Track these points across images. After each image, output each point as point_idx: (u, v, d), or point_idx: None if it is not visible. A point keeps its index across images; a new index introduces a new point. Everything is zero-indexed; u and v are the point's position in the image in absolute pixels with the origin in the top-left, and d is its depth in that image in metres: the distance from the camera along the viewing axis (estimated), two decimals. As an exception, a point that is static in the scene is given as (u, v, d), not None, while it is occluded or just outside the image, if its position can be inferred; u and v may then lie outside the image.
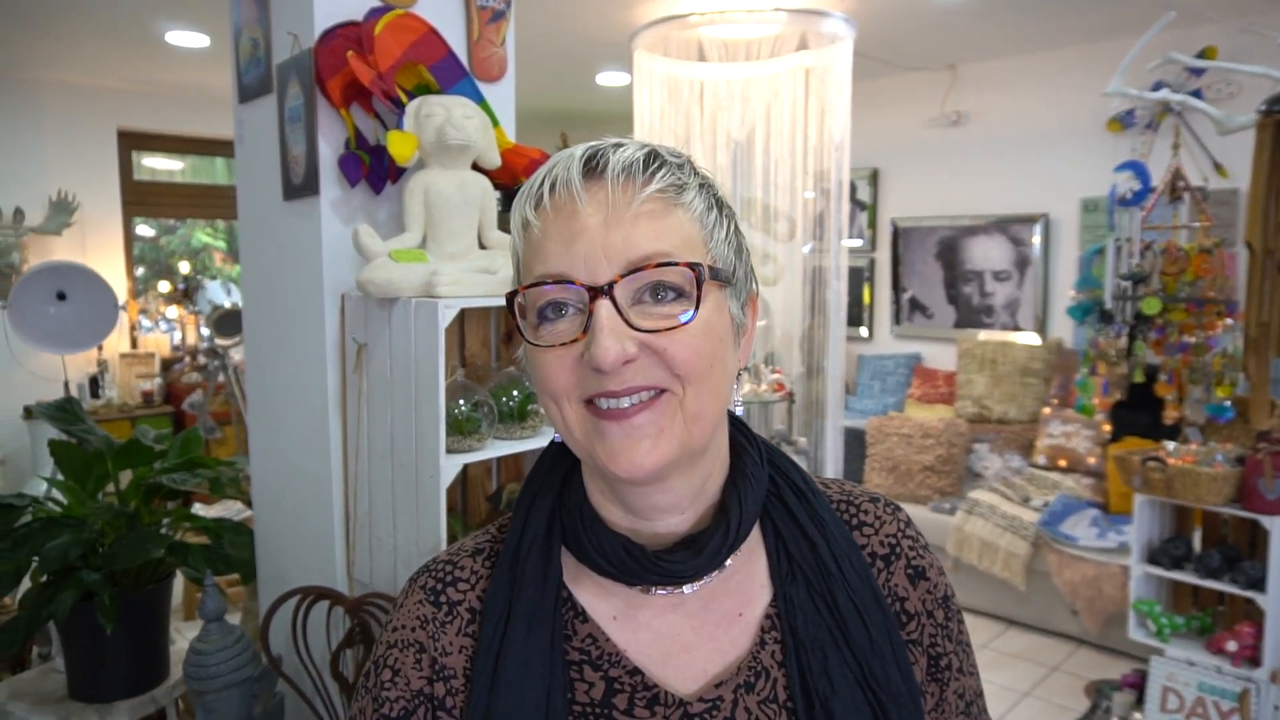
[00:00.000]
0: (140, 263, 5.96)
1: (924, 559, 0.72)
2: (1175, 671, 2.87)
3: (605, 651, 0.65)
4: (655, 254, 0.58)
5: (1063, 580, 3.72)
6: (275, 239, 1.81)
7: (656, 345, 0.59)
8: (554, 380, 0.60)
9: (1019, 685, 3.46)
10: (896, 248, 5.14)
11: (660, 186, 0.60)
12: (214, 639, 1.64)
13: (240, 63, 1.85)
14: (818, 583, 0.67)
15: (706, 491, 0.67)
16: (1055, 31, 4.18)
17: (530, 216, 0.61)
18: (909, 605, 0.70)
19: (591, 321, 0.58)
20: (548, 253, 0.60)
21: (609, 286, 0.58)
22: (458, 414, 1.47)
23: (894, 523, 0.73)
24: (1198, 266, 2.80)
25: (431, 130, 1.50)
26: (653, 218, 0.59)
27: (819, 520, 0.69)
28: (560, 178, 0.60)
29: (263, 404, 1.96)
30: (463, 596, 0.68)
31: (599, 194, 0.59)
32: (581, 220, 0.59)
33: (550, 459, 0.71)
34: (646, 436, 0.59)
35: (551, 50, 4.49)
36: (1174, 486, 2.76)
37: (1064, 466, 4.21)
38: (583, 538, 0.66)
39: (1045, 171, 4.54)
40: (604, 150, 0.61)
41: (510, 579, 0.66)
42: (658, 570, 0.64)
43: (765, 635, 0.66)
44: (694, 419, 0.60)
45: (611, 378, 0.58)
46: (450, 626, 0.67)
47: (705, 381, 0.60)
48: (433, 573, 0.70)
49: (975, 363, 4.65)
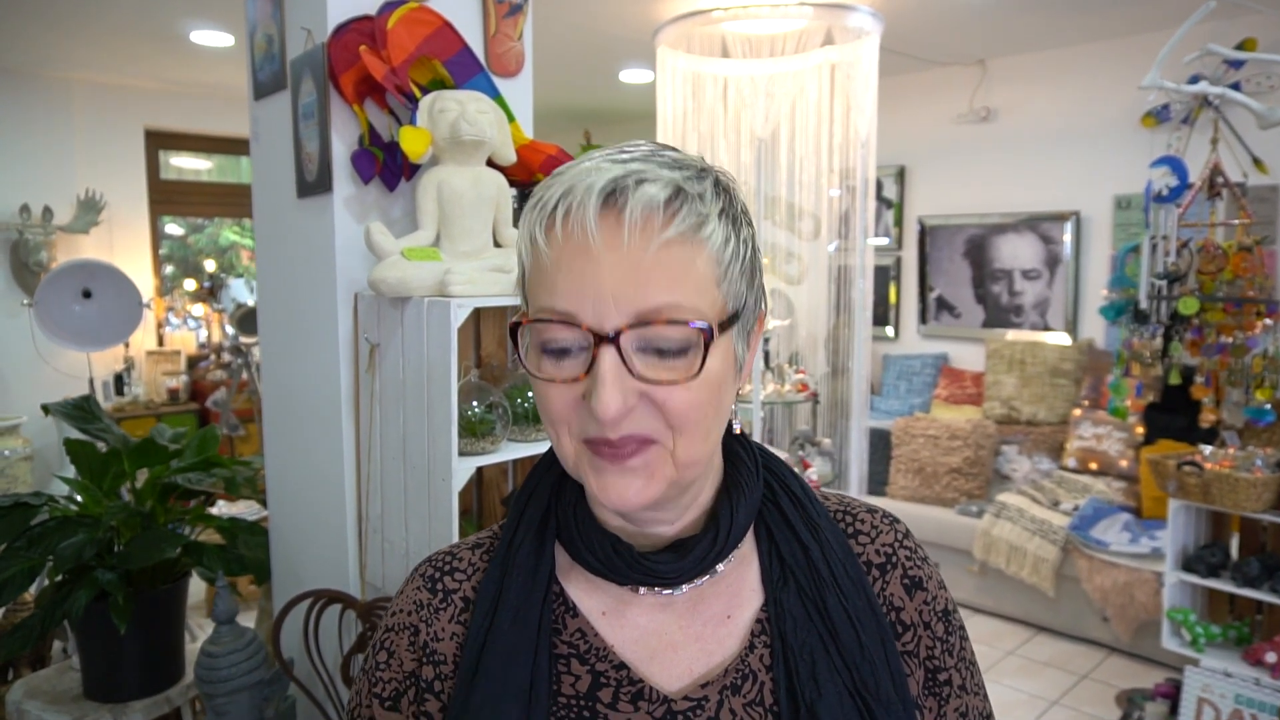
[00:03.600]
0: (169, 261, 6.01)
1: (921, 570, 0.71)
2: (1211, 683, 2.79)
3: (593, 646, 0.66)
4: (666, 306, 0.57)
5: (1093, 586, 3.63)
6: (289, 237, 1.79)
7: (656, 396, 0.58)
8: (555, 411, 0.61)
9: (1048, 693, 3.38)
10: (923, 246, 5.05)
11: (680, 230, 0.58)
12: (225, 641, 1.62)
13: (255, 59, 1.83)
14: (809, 587, 0.66)
15: (698, 502, 0.67)
16: (1087, 25, 4.09)
17: (540, 239, 0.59)
18: (905, 616, 0.69)
19: (595, 368, 0.57)
20: (556, 286, 0.58)
21: (615, 336, 0.57)
22: (471, 416, 1.44)
23: (891, 533, 0.72)
24: (1237, 265, 2.71)
25: (445, 126, 1.47)
26: (668, 267, 0.57)
27: (813, 525, 0.69)
28: (574, 208, 0.58)
29: (277, 403, 1.94)
30: (458, 585, 0.70)
31: (615, 234, 0.57)
32: (593, 259, 0.57)
33: (549, 458, 0.71)
34: (638, 477, 0.60)
35: (574, 47, 4.46)
36: (1211, 492, 2.69)
37: (1095, 470, 4.12)
38: (574, 535, 0.67)
39: (1077, 168, 4.44)
40: (625, 186, 0.58)
41: (502, 571, 0.67)
42: (643, 571, 0.65)
43: (755, 639, 0.66)
44: (684, 465, 0.61)
45: (609, 427, 0.58)
46: (444, 613, 0.68)
47: (698, 430, 0.60)
48: (433, 562, 0.72)
49: (1004, 363, 4.57)
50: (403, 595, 0.71)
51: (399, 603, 0.71)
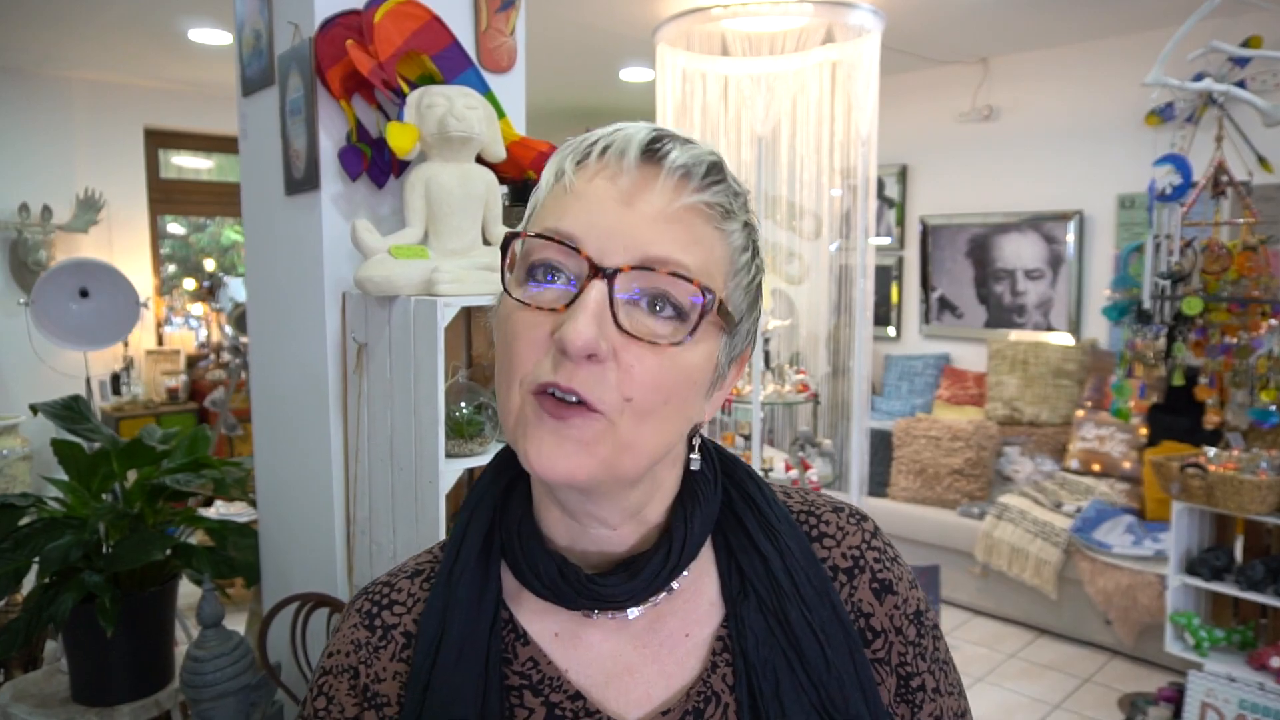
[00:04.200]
0: (171, 261, 6.00)
1: (891, 571, 0.67)
2: (1215, 687, 2.76)
3: (546, 675, 0.61)
4: (673, 262, 0.54)
5: (1095, 589, 3.60)
6: (277, 235, 1.77)
7: (624, 359, 0.54)
8: (517, 350, 0.56)
9: (1050, 697, 3.35)
10: (925, 246, 5.02)
11: (710, 199, 0.57)
12: (211, 645, 1.60)
13: (243, 55, 1.81)
14: (770, 600, 0.62)
15: (646, 516, 0.62)
16: (1090, 22, 4.05)
17: (568, 168, 0.58)
18: (875, 622, 0.65)
19: (578, 299, 0.53)
20: (567, 209, 0.56)
21: (613, 271, 0.54)
22: (459, 417, 1.42)
23: (858, 533, 0.68)
24: (1241, 265, 2.68)
25: (433, 121, 1.45)
26: (688, 228, 0.56)
27: (772, 533, 0.65)
28: (616, 146, 0.57)
29: (266, 404, 1.92)
30: (398, 620, 0.65)
31: (648, 180, 0.56)
32: (617, 195, 0.55)
33: (493, 470, 0.67)
34: (573, 441, 0.54)
35: (574, 45, 4.44)
36: (1215, 494, 2.66)
37: (1098, 471, 4.09)
38: (519, 557, 0.62)
39: (1080, 167, 4.41)
40: (671, 140, 0.57)
41: (443, 602, 0.62)
42: (591, 595, 0.60)
43: (716, 658, 0.62)
44: (626, 448, 0.55)
45: (566, 368, 0.53)
46: (384, 652, 0.64)
47: (651, 416, 0.55)
48: (370, 595, 0.67)
49: (1006, 363, 4.54)
50: (339, 634, 0.66)
51: (336, 642, 0.66)
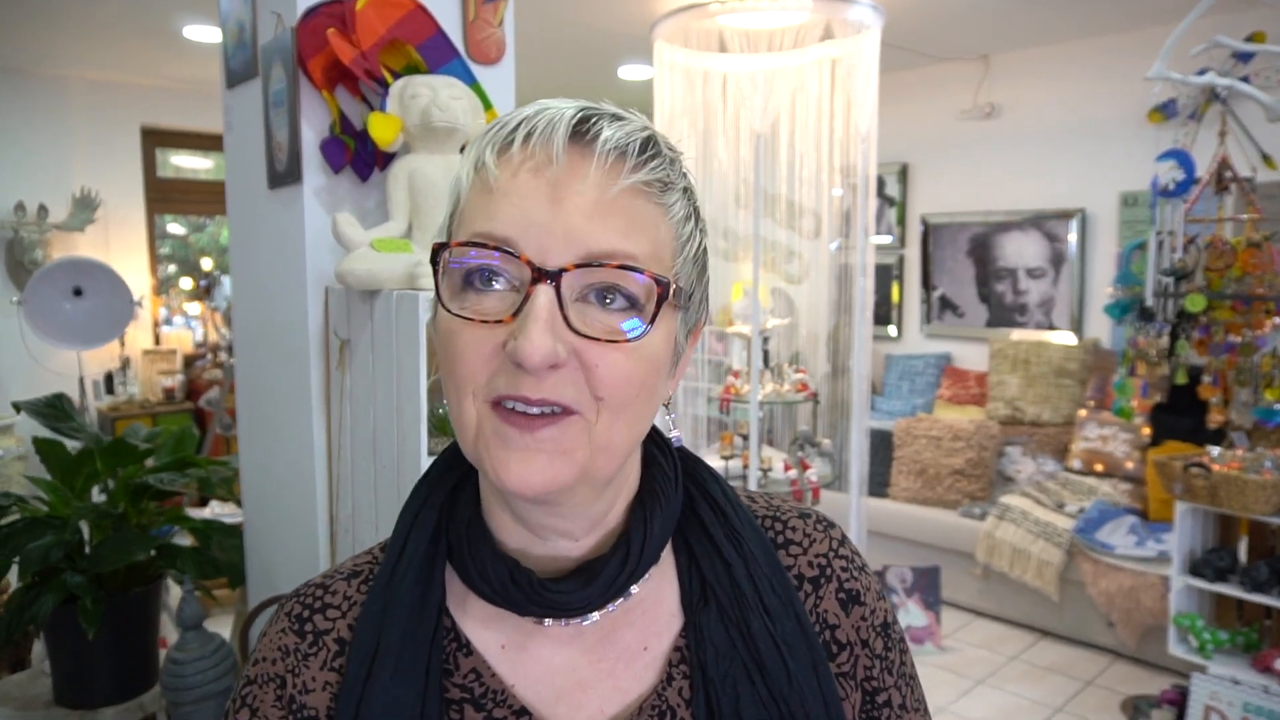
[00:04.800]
0: (171, 260, 5.98)
1: (858, 581, 0.64)
2: (1219, 690, 2.72)
3: (490, 689, 0.57)
4: (619, 254, 0.51)
5: (1098, 590, 3.56)
6: (260, 230, 1.74)
7: (587, 359, 0.51)
8: (465, 365, 0.52)
9: (1052, 700, 3.31)
10: (926, 245, 4.98)
11: (648, 178, 0.53)
12: (192, 648, 1.57)
13: (227, 47, 1.78)
14: (732, 611, 0.59)
15: (608, 519, 0.59)
16: (1092, 19, 4.02)
17: (489, 160, 0.53)
18: (840, 634, 0.62)
19: (526, 308, 0.49)
20: (497, 210, 0.51)
21: (558, 273, 0.50)
22: (442, 414, 1.38)
23: (825, 541, 0.65)
24: (1245, 261, 2.64)
25: (416, 112, 1.42)
26: (628, 213, 0.52)
27: (736, 538, 0.61)
28: (541, 130, 0.52)
29: (251, 401, 1.89)
30: (331, 625, 0.60)
31: (580, 165, 0.51)
32: (550, 187, 0.51)
33: (441, 466, 0.63)
34: (546, 453, 0.51)
35: (572, 43, 4.41)
36: (1218, 494, 2.62)
37: (1100, 471, 4.05)
38: (468, 560, 0.57)
39: (1082, 165, 4.37)
40: (601, 117, 0.53)
41: (382, 606, 0.57)
42: (543, 601, 0.56)
43: (673, 670, 0.59)
44: (602, 449, 0.53)
45: (528, 381, 0.50)
46: (314, 660, 0.59)
47: (625, 411, 0.53)
48: (301, 598, 0.62)
49: (1008, 363, 4.49)
50: (266, 640, 0.61)
51: (262, 649, 0.60)
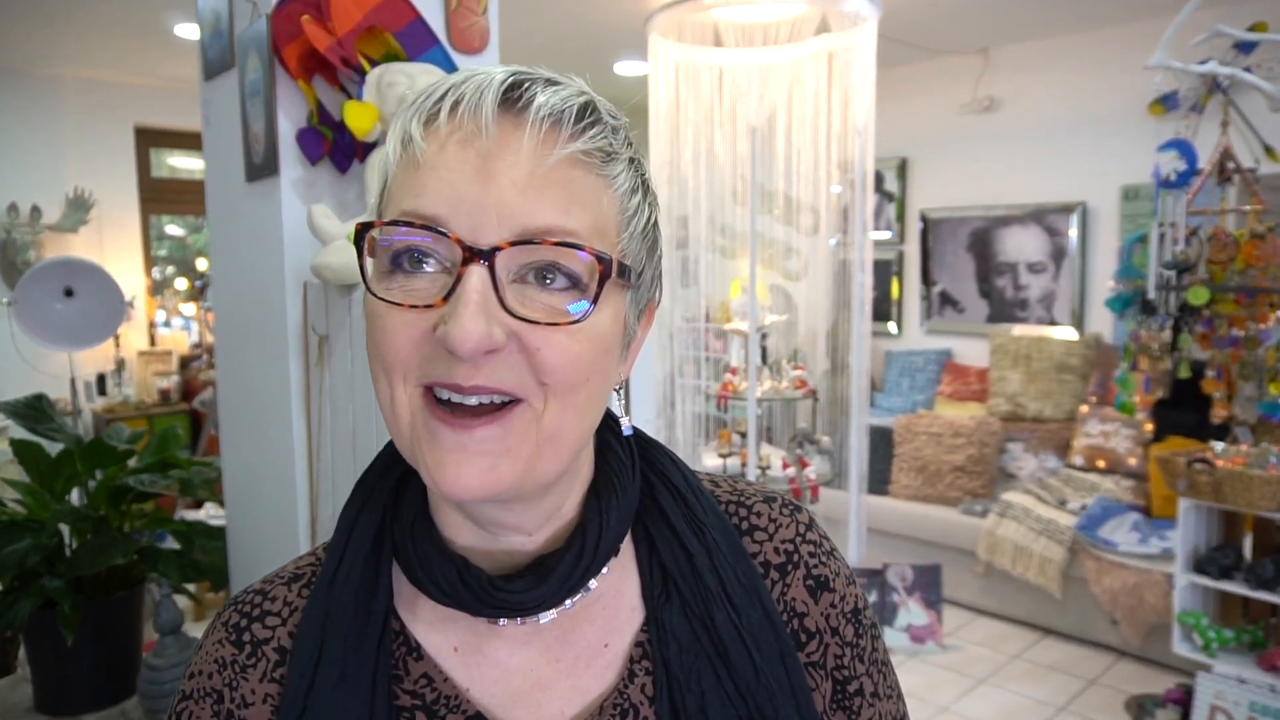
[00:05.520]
0: (169, 262, 5.94)
1: (827, 567, 0.61)
2: (1224, 689, 2.67)
3: (442, 694, 0.54)
4: (557, 230, 0.47)
5: (1101, 588, 3.51)
6: (238, 224, 1.70)
7: (529, 342, 0.47)
8: (392, 350, 0.48)
9: (1055, 699, 3.27)
10: (926, 240, 4.94)
11: (587, 147, 0.49)
12: (170, 653, 1.53)
13: (204, 38, 1.74)
14: (695, 603, 0.56)
15: (563, 511, 0.56)
16: (1091, 11, 3.97)
17: (416, 133, 0.49)
18: (809, 622, 0.59)
19: (457, 289, 0.46)
20: (424, 186, 0.47)
21: (490, 252, 0.46)
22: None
23: (792, 526, 0.61)
24: (1248, 254, 2.60)
25: (394, 100, 1.38)
26: (566, 186, 0.48)
27: (699, 526, 0.58)
28: (469, 99, 0.48)
29: (232, 401, 1.85)
30: (270, 634, 0.56)
31: (512, 136, 0.47)
32: (480, 160, 0.47)
33: (384, 461, 0.59)
34: (485, 454, 0.48)
35: (567, 39, 4.37)
36: (1223, 490, 2.57)
37: (1102, 468, 4.00)
38: (414, 559, 0.54)
39: (1083, 158, 4.32)
40: (533, 83, 0.49)
41: (324, 612, 0.54)
42: (494, 602, 0.53)
43: (635, 666, 0.56)
44: (550, 439, 0.49)
45: (463, 368, 0.46)
46: (253, 671, 0.55)
47: (574, 396, 0.49)
48: (239, 606, 0.58)
49: (1009, 359, 4.45)
50: (202, 652, 0.57)
51: (198, 662, 0.57)
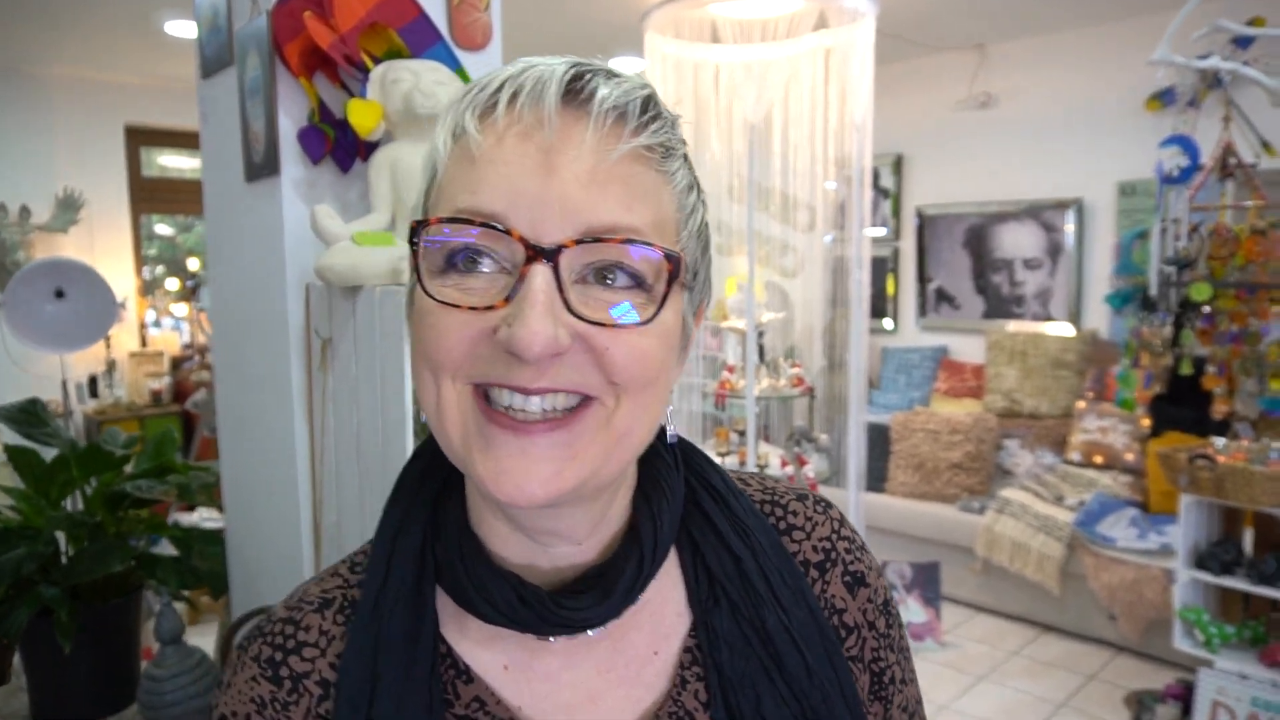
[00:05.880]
0: (159, 261, 5.89)
1: (862, 562, 0.62)
2: (1226, 685, 2.67)
3: (496, 717, 0.52)
4: (622, 227, 0.45)
5: (1100, 584, 3.51)
6: (238, 225, 1.67)
7: (596, 342, 0.45)
8: (444, 350, 0.46)
9: (1054, 695, 3.27)
10: (922, 237, 4.93)
11: (649, 142, 0.47)
12: (170, 663, 1.50)
13: (201, 34, 1.71)
14: (745, 607, 0.55)
15: (611, 517, 0.54)
16: (1088, 7, 3.97)
17: (470, 127, 0.47)
18: (847, 618, 0.60)
19: (521, 290, 0.44)
20: (483, 181, 0.45)
21: (555, 250, 0.44)
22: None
23: (827, 524, 0.62)
24: (1249, 249, 2.60)
25: (398, 98, 1.35)
26: (630, 182, 0.46)
27: (743, 529, 0.57)
28: (529, 90, 0.46)
29: (231, 404, 1.83)
30: (310, 665, 0.53)
31: (575, 129, 0.46)
32: (541, 154, 0.45)
33: (417, 474, 0.56)
34: (549, 460, 0.46)
35: (563, 35, 4.35)
36: (1224, 486, 2.57)
37: (1100, 463, 4.00)
38: (464, 580, 0.52)
39: (1079, 154, 4.32)
40: (595, 75, 0.47)
41: (372, 641, 0.51)
42: (558, 620, 0.51)
43: (685, 672, 0.55)
44: (621, 439, 0.48)
45: (527, 370, 0.44)
46: (296, 708, 0.52)
47: (645, 394, 0.48)
48: (268, 638, 0.54)
49: (1005, 355, 4.45)
50: (233, 691, 0.53)
51: (230, 702, 0.53)
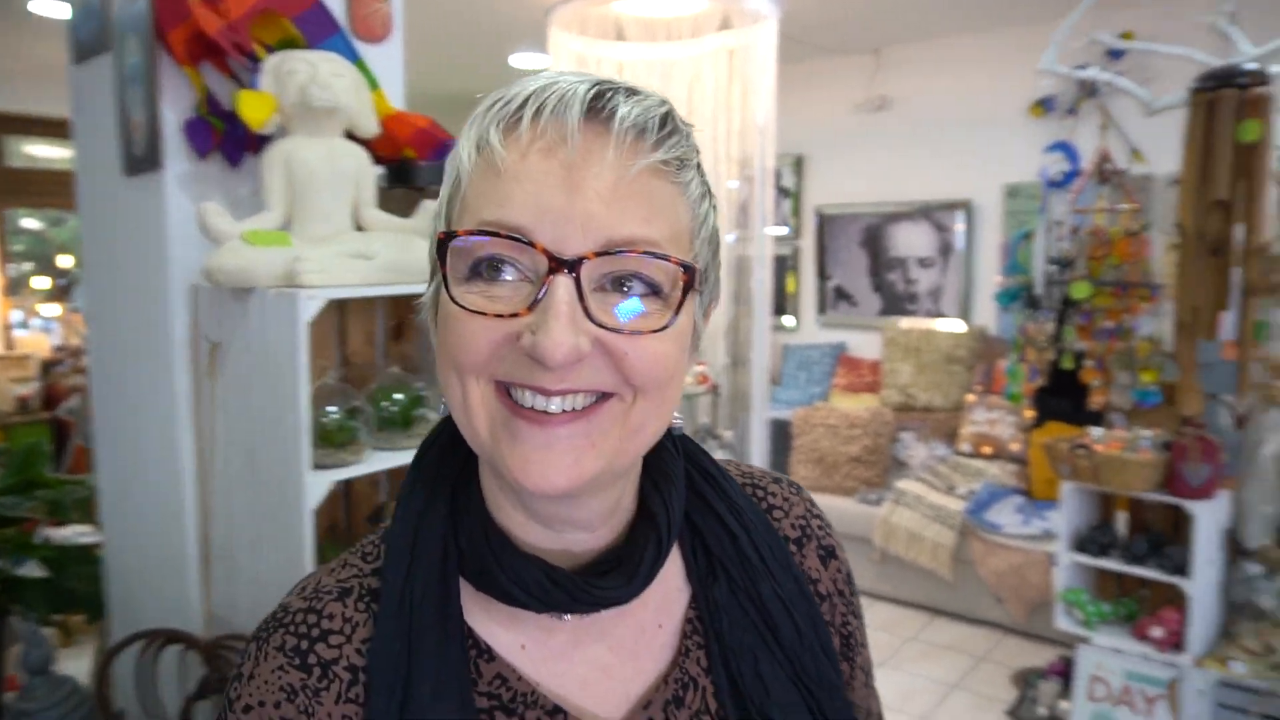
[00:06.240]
0: (26, 258, 5.48)
1: (831, 538, 0.69)
2: (1102, 660, 2.83)
3: (518, 692, 0.55)
4: (641, 240, 0.49)
5: (988, 569, 3.68)
6: (116, 221, 1.56)
7: (615, 347, 0.49)
8: (469, 352, 0.49)
9: (948, 677, 3.40)
10: (821, 235, 5.06)
11: (666, 157, 0.50)
12: (39, 695, 1.39)
13: (74, 15, 1.59)
14: (741, 580, 0.61)
15: (622, 506, 0.58)
16: (977, 15, 4.13)
17: (495, 140, 0.49)
18: (821, 587, 0.67)
19: (544, 300, 0.47)
20: (509, 196, 0.48)
21: (577, 262, 0.47)
22: (328, 423, 1.26)
23: (801, 504, 0.69)
24: (1123, 250, 2.76)
25: (293, 89, 1.29)
26: (649, 196, 0.50)
27: (736, 509, 0.63)
28: (553, 107, 0.49)
29: (109, 414, 1.71)
30: (337, 652, 0.54)
31: (596, 146, 0.48)
32: (564, 170, 0.48)
33: (434, 464, 0.58)
34: (571, 450, 0.50)
35: (461, 28, 4.25)
36: (1101, 473, 2.72)
37: (988, 454, 4.19)
38: (493, 566, 0.54)
39: (969, 157, 4.50)
40: (615, 92, 0.50)
41: (405, 628, 0.53)
42: (590, 599, 0.55)
43: (687, 642, 0.60)
44: (635, 432, 0.52)
45: (551, 374, 0.48)
46: (327, 694, 0.53)
47: (660, 393, 0.52)
48: (291, 627, 0.55)
49: (900, 351, 4.61)
50: (257, 681, 0.53)
51: (255, 692, 0.53)
